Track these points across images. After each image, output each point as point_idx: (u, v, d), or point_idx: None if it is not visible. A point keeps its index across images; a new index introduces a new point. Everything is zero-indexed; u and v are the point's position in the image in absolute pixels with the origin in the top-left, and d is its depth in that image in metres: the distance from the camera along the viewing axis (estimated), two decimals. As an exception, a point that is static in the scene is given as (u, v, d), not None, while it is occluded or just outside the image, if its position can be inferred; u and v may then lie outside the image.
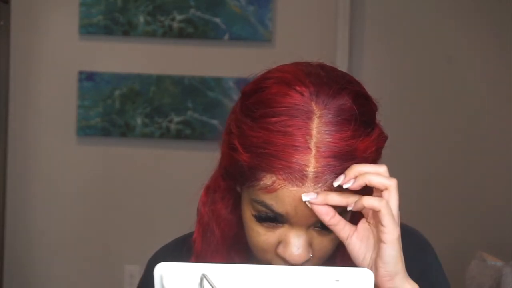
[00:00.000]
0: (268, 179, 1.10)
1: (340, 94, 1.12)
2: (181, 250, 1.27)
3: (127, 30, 3.67)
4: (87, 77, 3.67)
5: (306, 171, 1.08)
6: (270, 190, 1.10)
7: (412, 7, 3.73)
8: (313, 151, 1.09)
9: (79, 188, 3.70)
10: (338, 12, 3.65)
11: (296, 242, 1.13)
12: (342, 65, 3.52)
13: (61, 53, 3.69)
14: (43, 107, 3.70)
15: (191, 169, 3.00)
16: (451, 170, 3.71)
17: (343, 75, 1.16)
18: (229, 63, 3.55)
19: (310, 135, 1.09)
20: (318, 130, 1.09)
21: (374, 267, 1.09)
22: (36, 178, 3.71)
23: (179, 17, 3.66)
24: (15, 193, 3.69)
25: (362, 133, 1.11)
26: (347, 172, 1.08)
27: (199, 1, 3.65)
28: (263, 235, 1.15)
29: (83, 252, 3.70)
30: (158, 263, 1.04)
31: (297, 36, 3.61)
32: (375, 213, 1.09)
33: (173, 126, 3.66)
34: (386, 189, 1.08)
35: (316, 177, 1.09)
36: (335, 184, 1.09)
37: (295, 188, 1.09)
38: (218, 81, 3.61)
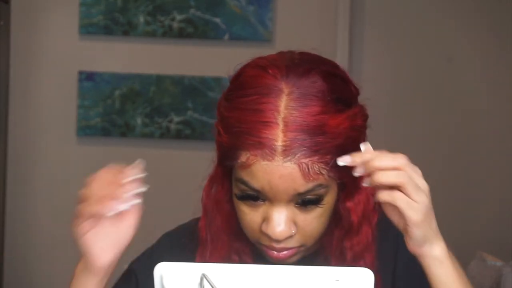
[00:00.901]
0: (243, 156, 1.15)
1: (309, 73, 1.17)
2: (192, 236, 1.31)
3: (127, 30, 3.67)
4: (87, 77, 3.67)
5: (275, 145, 1.13)
6: (245, 166, 1.15)
7: (412, 7, 3.73)
8: (281, 126, 1.13)
9: (79, 188, 3.68)
10: (338, 12, 3.65)
11: (277, 219, 1.17)
12: (342, 65, 3.51)
13: (61, 53, 3.69)
14: (43, 107, 3.70)
15: (191, 169, 3.00)
16: (450, 170, 3.71)
17: (320, 58, 1.22)
18: (229, 63, 3.54)
19: (278, 111, 1.14)
20: (285, 106, 1.14)
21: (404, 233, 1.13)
22: (36, 178, 3.71)
23: (179, 17, 3.66)
24: (15, 193, 3.69)
25: (332, 109, 1.15)
26: (365, 165, 1.11)
27: (199, 1, 3.65)
28: (248, 214, 1.19)
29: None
30: (172, 241, 1.22)
31: (297, 36, 3.60)
32: None
33: (173, 126, 3.66)
34: (401, 186, 1.11)
35: (284, 150, 1.13)
36: (340, 163, 1.13)
37: (266, 162, 1.14)
38: (218, 81, 3.61)
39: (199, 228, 1.28)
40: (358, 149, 1.16)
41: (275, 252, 1.20)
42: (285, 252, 1.20)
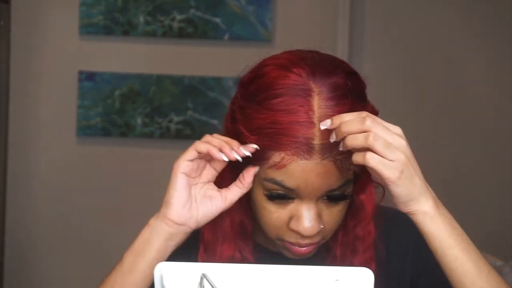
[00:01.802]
0: (276, 157, 1.17)
1: (334, 72, 1.20)
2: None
3: (127, 30, 3.67)
4: (87, 77, 3.67)
5: (312, 144, 1.15)
6: (279, 166, 1.16)
7: (412, 7, 3.73)
8: (317, 125, 1.16)
9: (79, 188, 3.69)
10: (338, 12, 3.65)
11: (307, 215, 1.19)
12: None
13: (61, 53, 3.69)
14: (43, 107, 3.70)
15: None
16: (450, 169, 3.71)
17: (333, 57, 1.25)
18: (229, 63, 3.55)
19: (313, 111, 1.16)
20: (319, 105, 1.17)
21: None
22: (36, 178, 3.70)
23: (179, 17, 3.66)
24: (15, 193, 3.69)
25: (358, 106, 1.19)
26: (336, 132, 1.13)
27: (199, 1, 3.65)
28: (275, 213, 1.21)
29: (83, 252, 3.70)
30: None
31: (297, 36, 3.60)
32: None
33: (173, 126, 3.66)
34: (370, 147, 1.12)
35: (322, 149, 1.16)
36: (322, 126, 1.15)
37: (303, 161, 1.16)
38: (218, 81, 3.61)
39: (202, 229, 1.28)
40: None
41: (299, 248, 1.22)
42: (309, 247, 1.23)
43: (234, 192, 1.21)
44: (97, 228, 3.70)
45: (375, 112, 1.23)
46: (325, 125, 1.14)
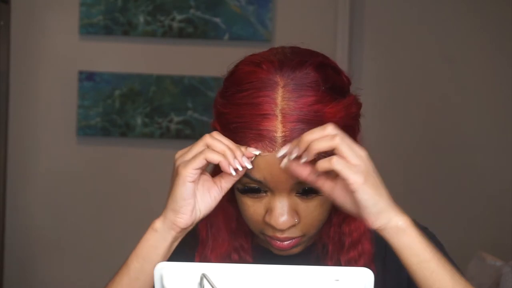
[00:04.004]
0: (243, 151, 1.16)
1: (302, 66, 1.20)
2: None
3: (127, 30, 3.67)
4: (87, 77, 3.67)
5: (274, 136, 1.16)
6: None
7: (412, 7, 3.73)
8: (279, 117, 1.16)
9: (79, 188, 3.69)
10: (338, 12, 3.65)
11: (279, 209, 1.19)
12: (342, 65, 3.49)
13: (61, 53, 3.69)
14: (43, 107, 3.70)
15: (191, 169, 3.00)
16: (450, 169, 3.71)
17: (310, 51, 1.25)
18: (229, 63, 3.54)
19: (276, 103, 1.17)
20: (282, 97, 1.17)
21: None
22: (36, 178, 3.71)
23: (179, 17, 3.66)
24: (15, 193, 3.69)
25: (327, 99, 1.18)
26: (298, 144, 1.12)
27: (199, 1, 3.66)
28: (251, 207, 1.22)
29: (83, 251, 3.70)
30: None
31: (297, 36, 3.58)
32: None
33: (173, 126, 3.66)
34: (336, 148, 1.11)
35: (284, 141, 1.16)
36: (279, 154, 1.14)
37: (266, 153, 1.16)
38: (218, 81, 3.60)
39: (199, 227, 1.28)
40: (355, 137, 1.20)
41: (278, 242, 1.22)
42: (288, 242, 1.22)
43: (228, 179, 1.20)
44: (97, 228, 3.70)
45: (356, 105, 1.23)
46: (281, 153, 1.14)
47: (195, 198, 1.19)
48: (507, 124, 3.70)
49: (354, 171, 1.10)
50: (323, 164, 1.11)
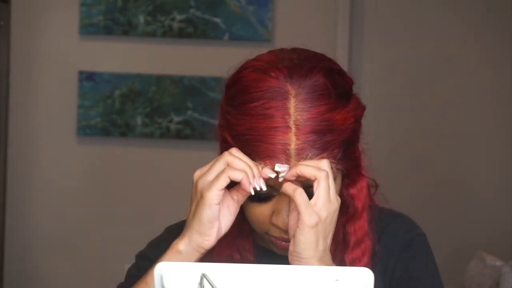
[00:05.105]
0: (256, 162, 1.15)
1: (312, 72, 1.18)
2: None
3: (127, 30, 3.67)
4: (87, 77, 3.67)
5: (288, 150, 1.15)
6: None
7: (412, 7, 3.73)
8: (293, 129, 1.15)
9: (79, 188, 3.69)
10: (338, 12, 3.65)
11: (287, 210, 1.18)
12: (342, 65, 3.49)
13: (61, 53, 3.69)
14: (43, 107, 3.70)
15: (191, 169, 3.00)
16: (451, 169, 3.71)
17: (315, 54, 1.24)
18: (229, 63, 3.54)
19: (289, 114, 1.15)
20: (295, 108, 1.16)
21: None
22: (36, 178, 3.71)
23: (179, 17, 3.66)
24: (15, 193, 3.69)
25: (338, 106, 1.17)
26: (294, 171, 1.13)
27: (199, 1, 3.66)
28: (258, 208, 1.21)
29: (83, 251, 3.70)
30: (174, 233, 1.20)
31: (297, 36, 3.59)
32: None
33: (173, 126, 3.66)
34: (316, 179, 1.12)
35: (298, 154, 1.15)
36: (280, 180, 1.14)
37: (281, 174, 1.14)
38: (218, 81, 3.61)
39: None
40: (358, 140, 1.20)
41: (283, 242, 1.21)
42: None
43: (244, 193, 1.18)
44: (97, 228, 3.70)
45: (361, 108, 1.22)
46: (281, 168, 1.14)
47: (219, 218, 1.18)
48: (507, 123, 3.70)
49: (310, 212, 1.11)
50: (288, 189, 1.12)
